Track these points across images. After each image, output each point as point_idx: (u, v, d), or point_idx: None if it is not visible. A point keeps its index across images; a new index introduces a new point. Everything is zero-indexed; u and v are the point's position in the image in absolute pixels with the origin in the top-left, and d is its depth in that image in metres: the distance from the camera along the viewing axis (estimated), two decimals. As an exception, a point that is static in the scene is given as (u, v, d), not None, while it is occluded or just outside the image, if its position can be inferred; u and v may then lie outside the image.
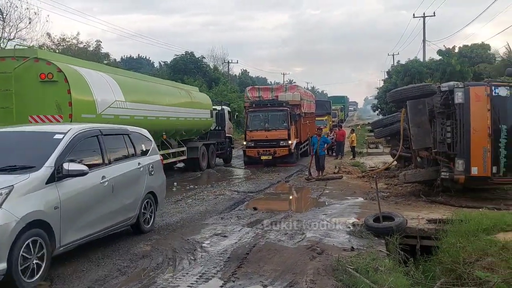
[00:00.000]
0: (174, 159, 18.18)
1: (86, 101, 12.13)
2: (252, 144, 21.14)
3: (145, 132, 9.28)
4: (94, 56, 37.16)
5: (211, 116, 21.66)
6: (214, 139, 22.17)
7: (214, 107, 22.73)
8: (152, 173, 8.77)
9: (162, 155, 15.08)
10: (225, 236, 8.38)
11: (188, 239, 8.24)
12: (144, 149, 8.80)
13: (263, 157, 20.93)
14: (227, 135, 23.58)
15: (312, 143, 17.90)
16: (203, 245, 7.87)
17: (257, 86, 27.39)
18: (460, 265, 6.80)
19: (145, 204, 8.52)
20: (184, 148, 18.86)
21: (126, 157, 8.11)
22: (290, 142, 21.05)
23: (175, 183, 16.35)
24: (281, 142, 20.84)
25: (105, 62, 39.29)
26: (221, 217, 10.28)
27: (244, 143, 21.78)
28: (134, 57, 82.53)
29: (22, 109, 11.35)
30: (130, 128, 8.92)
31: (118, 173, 7.59)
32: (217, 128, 22.92)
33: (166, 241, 8.14)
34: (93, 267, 6.69)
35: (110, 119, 12.53)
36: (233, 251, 7.35)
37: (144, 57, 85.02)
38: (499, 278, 5.73)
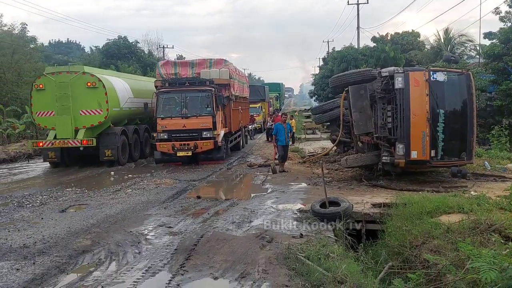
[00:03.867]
0: None
1: (115, 99, 17.83)
2: (165, 136, 16.58)
3: None
4: (20, 39, 34.36)
5: None
6: None
7: None
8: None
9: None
10: (170, 227, 8.06)
11: (131, 231, 7.86)
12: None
13: (180, 153, 16.47)
14: None
15: (275, 131, 14.96)
16: (148, 237, 7.54)
17: (172, 60, 22.15)
18: (407, 248, 6.87)
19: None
20: None
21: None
22: (216, 132, 16.62)
23: (112, 172, 15.69)
24: (204, 132, 16.45)
25: (32, 46, 36.73)
26: (164, 207, 9.90)
27: (155, 134, 17.16)
28: (63, 42, 79.37)
29: (75, 106, 17.07)
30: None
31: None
32: None
33: (108, 234, 7.72)
34: (29, 265, 6.19)
35: (126, 110, 18.83)
36: (180, 243, 7.06)
37: (73, 42, 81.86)
38: (447, 261, 5.79)
